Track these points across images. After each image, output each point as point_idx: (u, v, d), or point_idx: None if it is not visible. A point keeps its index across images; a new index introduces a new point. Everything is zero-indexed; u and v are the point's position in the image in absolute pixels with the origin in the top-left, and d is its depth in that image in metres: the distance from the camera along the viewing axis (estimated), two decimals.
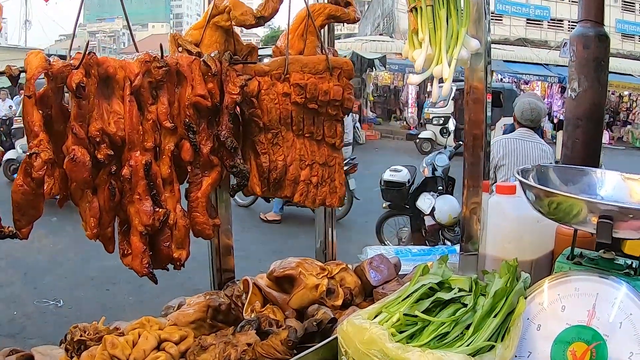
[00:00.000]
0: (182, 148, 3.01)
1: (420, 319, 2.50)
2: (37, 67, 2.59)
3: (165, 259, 3.02)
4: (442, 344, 2.37)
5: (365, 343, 2.38)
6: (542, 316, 2.53)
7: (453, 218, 10.45)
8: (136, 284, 9.80)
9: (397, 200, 11.25)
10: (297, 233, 13.24)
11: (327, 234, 4.42)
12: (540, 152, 7.88)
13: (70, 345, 2.99)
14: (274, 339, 2.87)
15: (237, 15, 3.27)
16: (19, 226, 2.73)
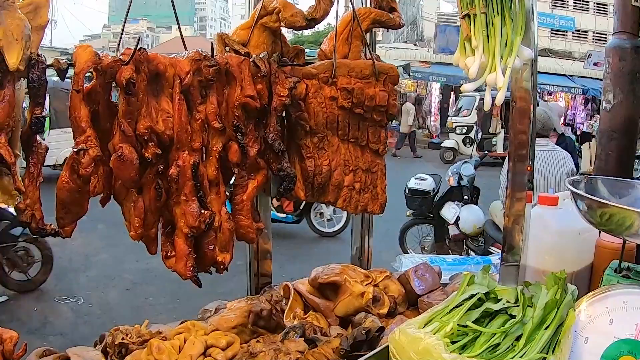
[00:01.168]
0: (230, 149, 2.95)
1: (471, 329, 2.46)
2: (86, 61, 2.54)
3: (209, 262, 2.96)
4: (494, 355, 2.34)
5: (420, 353, 2.35)
6: (589, 329, 2.48)
7: (477, 228, 10.39)
8: (158, 286, 9.82)
9: (422, 209, 11.21)
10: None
11: (364, 241, 4.35)
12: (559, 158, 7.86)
13: (111, 348, 2.93)
14: (326, 347, 2.81)
15: (287, 16, 3.21)
16: (62, 224, 2.68)
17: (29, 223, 2.53)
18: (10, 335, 2.63)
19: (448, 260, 5.40)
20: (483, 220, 10.26)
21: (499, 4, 2.86)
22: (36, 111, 2.50)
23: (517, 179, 3.33)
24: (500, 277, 3.38)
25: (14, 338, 2.63)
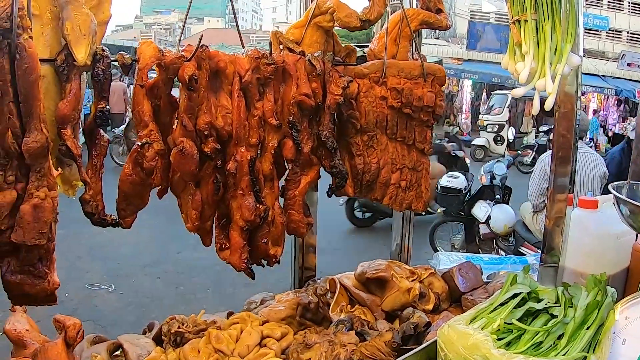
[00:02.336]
0: (285, 146, 3.01)
1: (516, 327, 2.58)
2: (150, 57, 2.62)
3: (261, 254, 3.03)
4: (538, 352, 2.44)
5: (469, 348, 2.46)
6: (628, 331, 2.53)
7: (508, 228, 10.33)
8: (188, 276, 9.91)
9: (453, 207, 11.19)
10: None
11: (404, 238, 4.42)
12: (592, 161, 7.87)
13: (166, 336, 3.02)
14: (378, 340, 2.88)
15: (341, 17, 3.27)
16: (123, 215, 2.76)
17: (93, 214, 2.60)
18: (73, 322, 2.72)
19: (485, 259, 5.46)
20: (514, 220, 10.21)
21: (549, 10, 2.91)
22: (101, 105, 2.56)
23: (559, 181, 3.39)
24: (538, 277, 3.43)
25: (77, 325, 2.72)
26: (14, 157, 2.19)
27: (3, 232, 2.22)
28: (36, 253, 2.31)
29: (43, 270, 2.36)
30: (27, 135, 2.17)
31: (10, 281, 2.34)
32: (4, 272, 2.33)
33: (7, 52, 2.09)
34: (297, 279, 3.94)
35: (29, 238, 2.22)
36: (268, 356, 2.70)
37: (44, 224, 2.24)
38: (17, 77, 2.11)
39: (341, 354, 2.72)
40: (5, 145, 2.15)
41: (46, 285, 2.39)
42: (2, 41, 2.07)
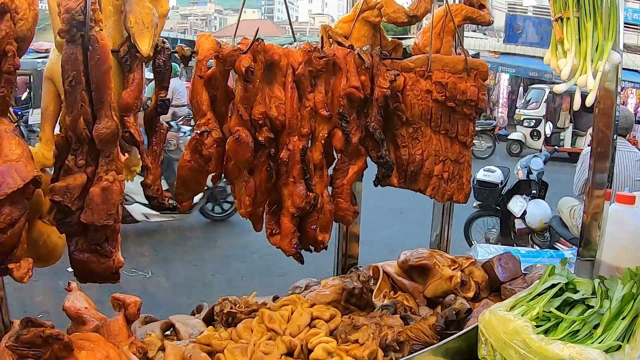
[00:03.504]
0: (335, 136, 3.13)
1: (554, 315, 2.70)
2: (208, 49, 2.75)
3: (310, 240, 3.15)
4: (574, 340, 2.55)
5: (509, 333, 2.60)
6: None
7: (544, 223, 10.25)
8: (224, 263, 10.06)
9: (489, 201, 11.15)
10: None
11: (443, 229, 4.51)
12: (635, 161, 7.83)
13: (219, 316, 3.15)
14: (423, 323, 3.00)
15: (389, 12, 3.37)
16: (181, 200, 2.89)
17: (154, 198, 2.74)
18: (134, 300, 2.85)
19: (522, 252, 5.51)
20: (550, 216, 10.14)
21: (591, 9, 2.99)
22: (161, 94, 2.69)
23: (597, 176, 3.46)
24: (575, 270, 3.52)
25: (137, 303, 2.86)
26: (84, 143, 2.33)
27: (73, 212, 2.36)
28: (103, 233, 2.44)
29: (109, 249, 2.49)
30: (97, 122, 2.30)
31: (78, 259, 2.48)
32: (72, 250, 2.47)
33: (80, 44, 2.22)
34: (340, 266, 4.06)
35: (98, 219, 2.36)
36: (319, 335, 2.82)
37: (112, 206, 2.38)
38: (90, 68, 2.24)
39: (388, 335, 2.83)
40: (77, 131, 2.29)
41: (111, 263, 2.53)
42: (76, 33, 2.21)
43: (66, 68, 2.22)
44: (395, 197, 4.56)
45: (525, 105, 27.19)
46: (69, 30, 2.19)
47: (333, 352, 2.73)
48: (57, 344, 2.32)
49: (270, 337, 2.84)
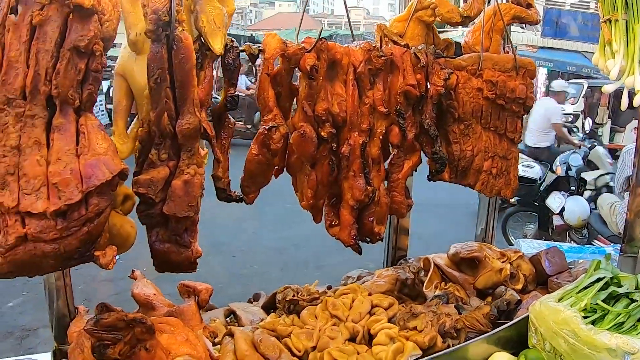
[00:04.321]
0: (392, 132, 3.25)
1: (600, 307, 2.86)
2: (275, 48, 2.88)
3: (367, 232, 3.27)
4: (620, 331, 2.70)
5: (559, 323, 2.78)
6: None
7: (582, 220, 10.18)
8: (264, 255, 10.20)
9: (527, 197, 11.13)
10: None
11: (489, 223, 4.61)
12: None
13: (281, 303, 3.30)
14: (477, 312, 3.14)
15: (443, 12, 3.49)
16: (247, 192, 3.03)
17: (224, 190, 2.88)
18: (206, 287, 3.00)
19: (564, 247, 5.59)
20: (588, 213, 10.09)
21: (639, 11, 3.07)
22: (230, 91, 2.82)
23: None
24: (618, 266, 3.62)
25: (209, 290, 3.01)
26: (167, 137, 2.47)
27: (156, 204, 2.51)
28: (183, 224, 2.58)
29: (188, 240, 2.64)
30: (180, 117, 2.44)
31: (159, 249, 2.63)
32: (153, 240, 2.62)
33: (165, 43, 2.36)
34: (390, 258, 4.18)
35: (179, 210, 2.51)
36: (381, 322, 2.95)
37: (193, 198, 2.53)
38: (174, 66, 2.37)
39: (447, 322, 2.97)
40: (161, 127, 2.43)
41: (190, 254, 2.67)
42: (162, 33, 2.34)
43: (152, 66, 2.35)
44: (430, 191, 4.65)
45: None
46: (155, 30, 2.32)
47: (395, 338, 2.87)
48: (139, 327, 2.46)
49: (334, 323, 2.98)
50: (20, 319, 7.89)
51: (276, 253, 10.28)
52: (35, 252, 2.16)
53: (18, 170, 2.14)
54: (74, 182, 2.14)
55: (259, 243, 10.86)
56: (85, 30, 2.13)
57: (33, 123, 2.16)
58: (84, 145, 2.18)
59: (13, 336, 7.49)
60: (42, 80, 2.14)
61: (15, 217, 2.13)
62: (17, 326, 7.71)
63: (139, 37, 2.50)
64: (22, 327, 7.67)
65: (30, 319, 7.79)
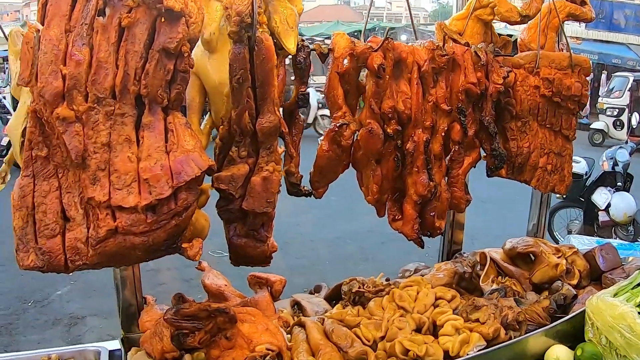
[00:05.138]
0: (453, 129, 3.32)
1: None
2: (344, 47, 2.97)
3: (428, 226, 3.36)
4: None
5: (616, 317, 2.88)
6: None
7: (628, 217, 10.08)
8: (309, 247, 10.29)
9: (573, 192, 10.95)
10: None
11: (540, 218, 4.67)
12: None
13: (347, 295, 3.40)
14: (537, 306, 3.23)
15: (502, 11, 3.56)
16: (317, 187, 3.12)
17: (297, 184, 2.98)
18: (279, 278, 3.12)
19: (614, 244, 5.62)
20: (635, 209, 10.00)
21: None
22: (301, 89, 2.92)
23: None
24: None
25: (283, 281, 3.12)
26: (247, 135, 2.58)
27: (235, 200, 2.62)
28: (260, 220, 2.70)
29: (264, 235, 2.76)
30: (261, 116, 2.56)
31: (236, 244, 2.76)
32: (231, 235, 2.74)
33: (247, 44, 2.47)
34: (445, 252, 4.27)
35: (258, 206, 2.62)
36: (447, 314, 3.05)
37: (271, 194, 2.64)
38: (255, 66, 2.49)
39: (509, 315, 3.05)
40: (242, 125, 2.54)
41: (265, 248, 2.79)
42: (244, 34, 2.45)
43: (234, 66, 2.47)
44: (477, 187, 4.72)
45: (608, 93, 26.19)
46: (238, 31, 2.44)
47: (460, 329, 2.96)
48: (222, 317, 2.58)
49: (401, 314, 3.08)
50: (67, 307, 8.12)
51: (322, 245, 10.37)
52: (125, 245, 2.28)
53: (109, 166, 2.25)
54: (165, 178, 2.25)
55: (310, 236, 10.95)
56: (174, 32, 2.23)
57: (123, 121, 2.27)
58: (172, 142, 2.29)
59: (61, 324, 7.70)
60: (131, 80, 2.24)
61: (106, 211, 2.24)
62: (65, 314, 7.93)
63: (213, 37, 2.61)
64: (70, 315, 7.89)
65: (78, 307, 8.03)
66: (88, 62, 2.22)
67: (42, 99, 2.21)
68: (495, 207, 12.12)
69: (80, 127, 2.23)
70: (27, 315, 7.93)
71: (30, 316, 7.89)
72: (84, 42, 2.22)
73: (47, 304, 8.23)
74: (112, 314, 7.56)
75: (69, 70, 2.20)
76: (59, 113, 2.20)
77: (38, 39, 2.23)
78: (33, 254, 2.33)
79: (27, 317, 7.85)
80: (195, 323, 2.58)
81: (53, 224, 2.30)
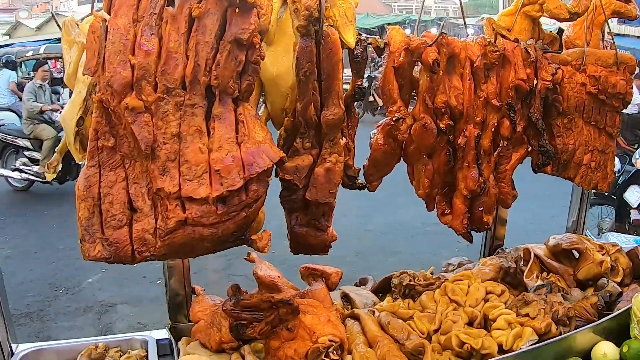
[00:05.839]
0: (503, 125, 3.33)
1: None
2: (400, 42, 2.99)
3: (477, 221, 3.38)
4: None
5: None
6: None
7: None
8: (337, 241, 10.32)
9: None
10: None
11: (580, 215, 4.68)
12: None
13: (397, 288, 3.43)
14: (585, 302, 3.25)
15: (551, 8, 3.55)
16: (371, 180, 3.15)
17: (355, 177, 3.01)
18: (335, 271, 3.15)
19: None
20: None
21: None
22: (358, 82, 2.92)
23: None
24: None
25: (339, 273, 3.15)
26: (311, 127, 2.62)
27: (299, 190, 2.66)
28: (321, 209, 2.75)
29: (325, 224, 2.80)
30: (325, 108, 2.59)
31: (298, 232, 2.80)
32: (292, 224, 2.78)
33: (314, 38, 2.49)
34: (487, 247, 4.28)
35: (321, 196, 2.66)
36: (499, 308, 3.08)
37: (334, 185, 2.68)
38: (321, 59, 2.51)
39: (560, 310, 3.08)
40: (307, 117, 2.57)
41: (326, 237, 2.83)
42: (312, 28, 2.48)
43: (301, 60, 2.49)
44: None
45: None
46: (306, 25, 2.46)
47: (513, 323, 2.98)
48: (285, 309, 2.61)
49: (454, 307, 3.11)
50: (99, 294, 8.22)
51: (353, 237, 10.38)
52: (193, 236, 2.31)
53: (179, 157, 2.28)
54: (236, 169, 2.27)
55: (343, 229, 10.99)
56: (246, 23, 2.26)
57: (193, 112, 2.29)
58: (243, 133, 2.32)
59: (92, 311, 7.80)
60: (201, 71, 2.26)
61: (175, 202, 2.27)
62: (97, 302, 8.02)
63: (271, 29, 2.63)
64: (101, 302, 7.98)
65: (109, 295, 8.12)
66: (157, 52, 2.24)
67: (109, 88, 2.22)
68: (528, 202, 12.10)
69: (149, 117, 2.25)
70: (59, 302, 8.04)
71: (62, 303, 8.00)
72: (152, 32, 2.24)
73: (78, 291, 8.34)
74: (142, 302, 7.70)
75: (138, 60, 2.21)
76: (128, 103, 2.22)
77: (105, 28, 2.23)
78: (100, 245, 2.33)
79: (59, 304, 7.97)
80: (255, 314, 2.61)
81: (120, 215, 2.32)
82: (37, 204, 12.61)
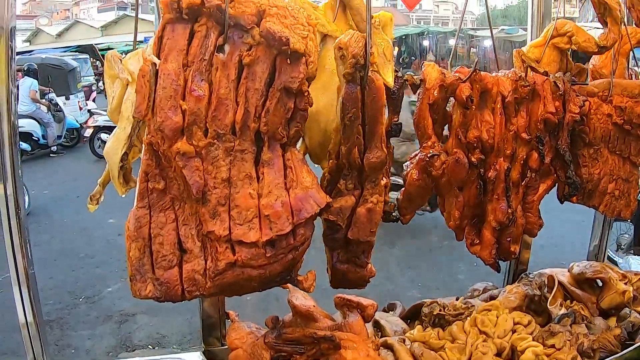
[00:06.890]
0: (531, 157, 3.40)
1: None
2: (435, 78, 3.06)
3: (504, 251, 3.44)
4: None
5: None
6: None
7: None
8: None
9: None
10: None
11: (602, 241, 4.75)
12: None
13: (427, 317, 3.51)
14: (609, 334, 3.33)
15: (580, 41, 3.61)
16: (405, 213, 3.22)
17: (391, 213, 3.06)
18: (371, 303, 3.21)
19: None
20: None
21: None
22: (394, 119, 2.99)
23: None
24: None
25: (375, 305, 3.22)
26: (355, 169, 2.68)
27: (341, 229, 2.73)
28: (362, 247, 2.82)
29: (365, 261, 2.88)
30: (369, 151, 2.65)
31: (339, 269, 2.87)
32: (334, 261, 2.86)
33: (359, 84, 2.55)
34: (512, 272, 4.35)
35: (362, 235, 2.74)
36: (527, 340, 3.16)
37: (375, 224, 2.76)
38: (366, 105, 2.56)
39: (585, 342, 3.15)
40: (351, 159, 2.63)
41: (365, 273, 2.92)
42: (357, 74, 2.53)
43: (347, 105, 2.54)
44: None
45: None
46: (353, 73, 2.51)
47: (540, 355, 3.06)
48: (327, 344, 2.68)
49: (484, 338, 3.18)
50: (118, 304, 8.28)
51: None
52: (242, 277, 2.38)
53: (229, 201, 2.34)
54: (285, 215, 2.35)
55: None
56: (296, 72, 2.33)
57: (243, 157, 2.35)
58: (292, 179, 2.40)
59: (112, 320, 7.88)
60: (251, 117, 2.32)
61: (225, 245, 2.34)
62: (116, 311, 8.09)
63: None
64: (121, 312, 8.05)
65: (129, 304, 8.15)
66: (208, 98, 2.29)
67: (160, 133, 2.26)
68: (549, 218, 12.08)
69: (199, 162, 2.30)
70: (78, 310, 8.12)
71: (81, 311, 8.09)
72: (203, 78, 2.28)
73: (97, 300, 8.43)
74: (161, 312, 7.78)
75: (189, 105, 2.26)
76: (180, 148, 2.26)
77: (155, 72, 2.26)
78: (151, 285, 2.39)
79: (78, 313, 8.05)
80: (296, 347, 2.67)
81: (170, 255, 2.37)
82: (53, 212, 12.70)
